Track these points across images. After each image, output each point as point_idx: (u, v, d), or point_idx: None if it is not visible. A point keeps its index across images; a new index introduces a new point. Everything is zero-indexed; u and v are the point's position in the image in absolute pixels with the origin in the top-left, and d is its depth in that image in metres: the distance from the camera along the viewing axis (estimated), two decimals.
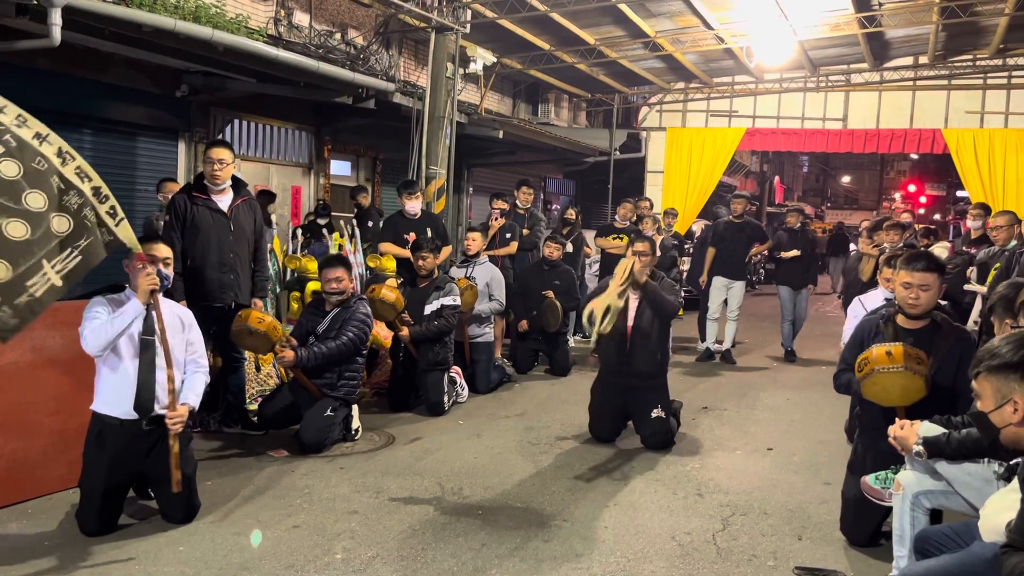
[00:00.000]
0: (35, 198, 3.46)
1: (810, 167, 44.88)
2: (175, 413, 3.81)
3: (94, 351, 3.76)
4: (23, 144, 3.45)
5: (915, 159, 42.27)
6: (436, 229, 7.60)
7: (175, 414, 3.81)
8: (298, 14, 10.21)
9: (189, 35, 6.98)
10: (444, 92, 10.08)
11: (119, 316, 3.72)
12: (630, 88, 17.29)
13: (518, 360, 8.19)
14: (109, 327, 3.71)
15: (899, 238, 7.70)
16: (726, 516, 4.33)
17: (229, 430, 5.56)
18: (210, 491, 4.34)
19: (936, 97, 15.38)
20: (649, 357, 5.56)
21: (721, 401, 7.18)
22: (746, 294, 10.04)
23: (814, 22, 12.87)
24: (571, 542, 3.91)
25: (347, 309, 5.52)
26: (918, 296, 3.73)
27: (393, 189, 13.26)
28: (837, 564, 3.78)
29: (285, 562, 3.57)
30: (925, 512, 3.21)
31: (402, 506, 4.30)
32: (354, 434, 5.53)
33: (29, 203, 3.44)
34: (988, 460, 2.97)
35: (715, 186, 17.08)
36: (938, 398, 3.60)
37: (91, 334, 3.72)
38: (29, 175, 3.44)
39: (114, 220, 3.61)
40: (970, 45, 14.61)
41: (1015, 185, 14.41)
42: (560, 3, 11.45)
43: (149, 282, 3.76)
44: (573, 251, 9.60)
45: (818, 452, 5.64)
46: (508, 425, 6.10)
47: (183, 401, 3.91)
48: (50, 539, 3.74)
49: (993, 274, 6.26)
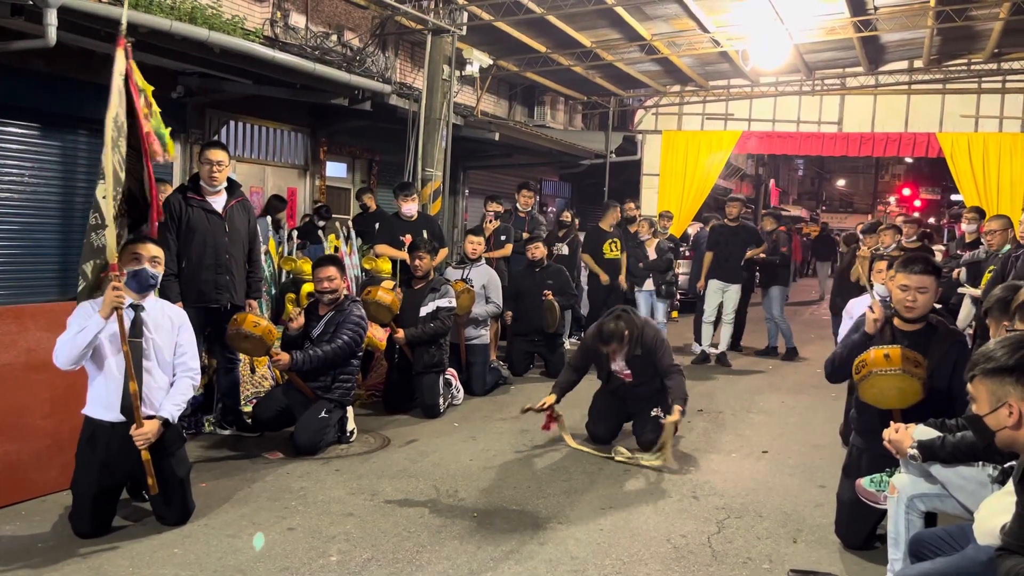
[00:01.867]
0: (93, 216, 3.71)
1: (805, 170, 45.00)
2: (141, 430, 3.73)
3: (64, 366, 3.68)
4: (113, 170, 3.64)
5: (910, 163, 42.43)
6: (432, 231, 7.59)
7: (140, 431, 3.72)
8: (294, 15, 10.20)
9: (185, 36, 6.97)
10: (440, 94, 10.07)
11: (82, 331, 3.63)
12: (626, 91, 17.32)
13: (514, 362, 8.18)
14: (72, 343, 3.63)
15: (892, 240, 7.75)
16: (721, 519, 4.33)
17: (224, 432, 5.54)
18: (205, 493, 4.33)
19: (931, 101, 15.44)
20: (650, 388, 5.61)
21: (716, 404, 7.19)
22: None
23: (810, 26, 12.90)
24: (566, 545, 3.90)
25: (342, 312, 5.52)
26: (915, 299, 3.73)
27: (389, 191, 13.24)
28: (832, 567, 3.78)
29: (280, 564, 3.56)
30: (920, 515, 3.22)
31: (397, 508, 4.29)
32: (349, 436, 5.52)
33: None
34: (983, 463, 2.98)
35: (710, 189, 17.11)
36: (934, 401, 3.60)
37: (59, 348, 3.65)
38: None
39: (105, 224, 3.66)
40: (965, 49, 14.67)
41: (1009, 189, 14.48)
42: (556, 6, 11.47)
43: (115, 297, 3.63)
44: (569, 253, 9.61)
45: (813, 455, 5.64)
46: (504, 427, 6.09)
47: (160, 413, 3.85)
48: (43, 541, 3.73)
49: (988, 277, 6.28)
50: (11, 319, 4.11)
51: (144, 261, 3.88)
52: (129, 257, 3.85)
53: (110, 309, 3.64)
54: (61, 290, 7.70)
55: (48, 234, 7.88)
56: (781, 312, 10.02)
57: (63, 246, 7.94)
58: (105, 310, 3.65)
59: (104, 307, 3.65)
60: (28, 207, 7.68)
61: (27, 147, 7.67)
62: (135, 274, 3.84)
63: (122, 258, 3.81)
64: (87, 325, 3.64)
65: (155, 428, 3.80)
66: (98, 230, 3.70)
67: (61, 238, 7.95)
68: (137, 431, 3.73)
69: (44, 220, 7.84)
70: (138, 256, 3.87)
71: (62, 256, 7.91)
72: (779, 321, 9.99)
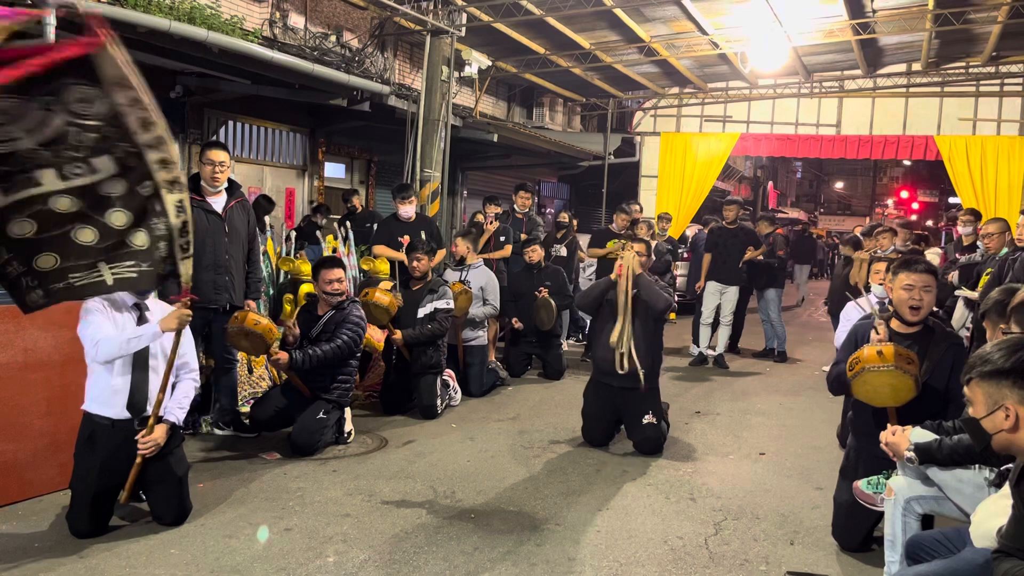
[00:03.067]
0: (118, 216, 3.61)
1: (804, 173, 45.05)
2: (150, 436, 3.78)
3: (101, 360, 3.74)
4: (141, 167, 3.56)
5: (908, 165, 42.50)
6: (430, 232, 7.59)
7: (150, 437, 3.78)
8: (293, 16, 10.21)
9: (184, 36, 6.97)
10: (439, 95, 10.08)
11: (138, 338, 3.73)
12: (625, 93, 17.34)
13: (511, 363, 8.18)
14: (126, 347, 3.72)
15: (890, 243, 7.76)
16: (718, 521, 4.34)
17: (221, 432, 5.54)
18: (202, 493, 4.33)
19: (929, 104, 15.46)
20: (642, 357, 5.55)
21: (714, 406, 7.20)
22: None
23: (808, 28, 12.92)
24: (564, 546, 3.90)
25: (341, 312, 5.52)
26: (921, 297, 3.73)
27: (387, 192, 13.28)
28: (829, 569, 3.79)
29: (277, 565, 3.56)
30: (917, 517, 3.22)
31: (394, 509, 4.29)
32: (347, 437, 5.52)
33: (111, 219, 3.60)
34: (979, 466, 2.98)
35: (709, 191, 17.12)
36: (931, 403, 3.61)
37: (106, 346, 3.69)
38: (125, 196, 3.59)
39: (185, 254, 3.69)
40: (963, 52, 14.70)
41: (1007, 192, 14.51)
42: (555, 7, 11.48)
43: (183, 318, 3.78)
44: (567, 255, 9.61)
45: (810, 457, 5.65)
46: (501, 429, 6.10)
47: (167, 417, 3.90)
48: (40, 540, 3.73)
49: (985, 280, 6.28)
50: (8, 319, 4.10)
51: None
52: None
53: (176, 326, 3.78)
54: None
55: None
56: (778, 314, 10.04)
57: None
58: (171, 325, 3.77)
59: (169, 320, 3.76)
60: None
61: None
62: None
63: None
64: (143, 332, 3.75)
65: (164, 433, 3.85)
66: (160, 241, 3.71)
67: None
68: (147, 437, 3.78)
69: None
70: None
71: None
72: (775, 323, 10.01)
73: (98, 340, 3.70)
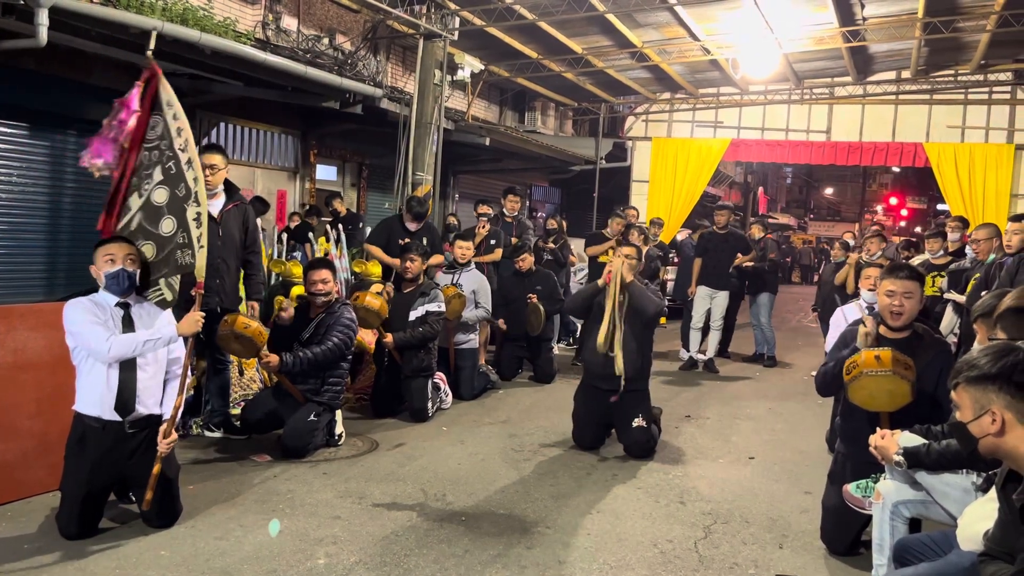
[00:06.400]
0: (168, 223, 3.87)
1: (794, 178, 45.24)
2: (171, 439, 3.84)
3: (108, 360, 3.74)
4: (179, 172, 3.84)
5: (897, 172, 42.72)
6: (432, 241, 7.59)
7: (171, 440, 3.84)
8: (286, 18, 10.20)
9: (176, 38, 6.96)
10: (431, 98, 10.10)
11: (154, 340, 3.75)
12: (616, 97, 17.40)
13: (502, 367, 8.18)
14: (141, 347, 3.74)
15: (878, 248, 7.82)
16: (708, 524, 4.36)
17: (212, 434, 5.53)
18: (192, 496, 4.32)
19: (918, 111, 15.57)
20: (632, 361, 5.57)
21: (703, 410, 7.22)
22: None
23: (799, 35, 13.01)
24: (554, 549, 3.91)
25: (332, 314, 5.52)
26: (902, 304, 3.76)
27: (379, 195, 13.29)
28: (817, 572, 3.81)
29: (267, 567, 3.55)
30: (904, 521, 3.25)
31: (385, 512, 4.29)
32: (337, 439, 5.52)
33: (163, 228, 3.87)
34: (967, 470, 3.01)
35: (700, 196, 17.17)
36: (919, 408, 3.63)
37: (119, 346, 3.68)
38: (171, 202, 3.85)
39: (199, 245, 3.87)
40: (952, 60, 14.81)
41: (995, 199, 14.61)
42: (548, 12, 11.51)
43: (197, 321, 3.85)
44: (558, 259, 9.62)
45: (799, 461, 5.68)
46: (492, 432, 6.10)
47: (166, 415, 3.92)
48: (30, 542, 3.71)
49: (972, 284, 6.33)
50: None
51: (120, 261, 3.80)
52: (104, 259, 3.79)
53: (192, 330, 3.86)
54: (48, 290, 7.65)
55: (36, 234, 7.84)
56: (768, 319, 10.08)
57: (51, 246, 7.90)
58: (188, 329, 3.84)
59: (187, 325, 3.84)
60: (16, 207, 7.64)
61: (16, 146, 7.64)
62: (114, 276, 3.78)
63: (97, 261, 3.80)
64: (161, 335, 3.78)
65: (175, 434, 3.89)
66: (184, 249, 3.88)
67: (49, 238, 7.92)
68: (167, 440, 3.82)
69: (32, 220, 7.80)
70: (113, 257, 3.80)
71: (50, 256, 7.87)
72: (765, 328, 10.05)
73: (109, 338, 3.67)
